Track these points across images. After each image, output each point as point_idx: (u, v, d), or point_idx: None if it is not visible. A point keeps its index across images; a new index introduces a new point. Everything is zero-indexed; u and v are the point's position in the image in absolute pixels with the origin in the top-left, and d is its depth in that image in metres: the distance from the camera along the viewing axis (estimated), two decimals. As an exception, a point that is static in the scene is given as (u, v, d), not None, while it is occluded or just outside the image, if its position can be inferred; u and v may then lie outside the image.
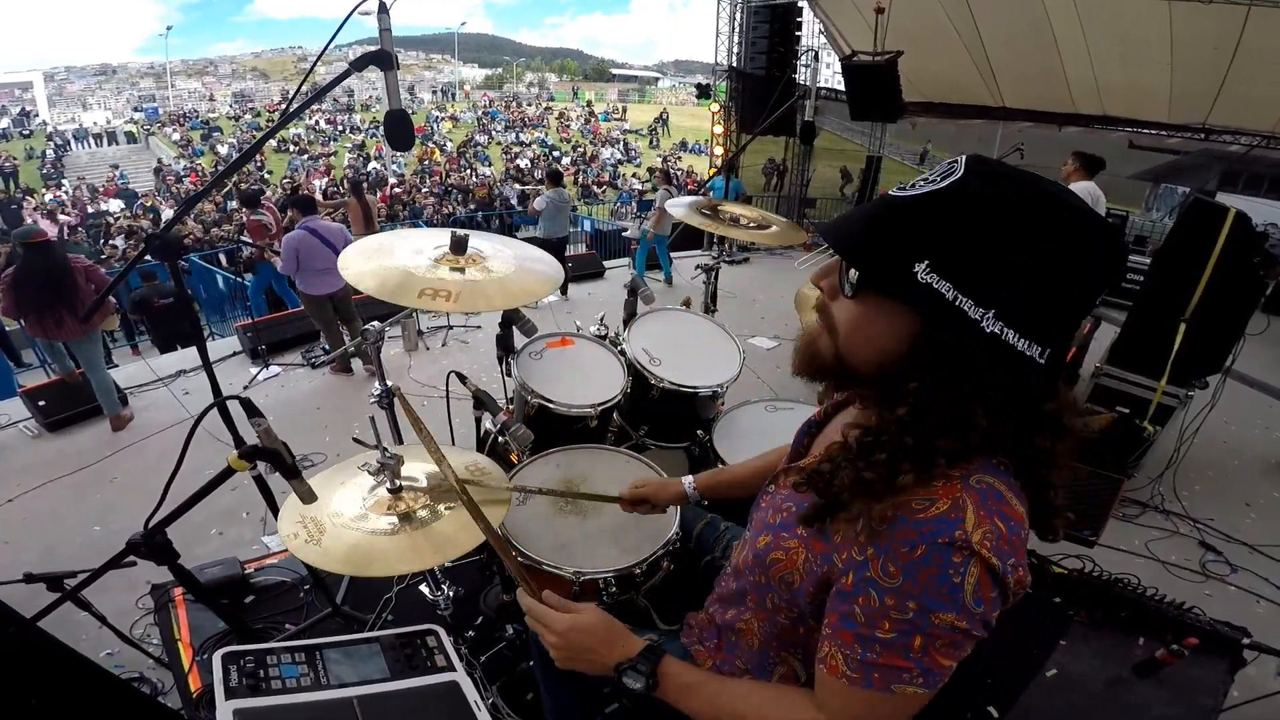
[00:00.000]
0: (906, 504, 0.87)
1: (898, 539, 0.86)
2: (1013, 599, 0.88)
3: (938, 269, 0.82)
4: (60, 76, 41.81)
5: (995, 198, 0.82)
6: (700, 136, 33.08)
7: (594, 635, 1.11)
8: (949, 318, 0.82)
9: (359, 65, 1.74)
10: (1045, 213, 0.81)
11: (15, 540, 3.61)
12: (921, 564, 0.84)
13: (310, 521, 1.60)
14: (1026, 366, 0.84)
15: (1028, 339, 0.82)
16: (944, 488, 0.87)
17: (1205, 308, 3.82)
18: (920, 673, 0.86)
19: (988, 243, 0.81)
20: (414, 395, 5.11)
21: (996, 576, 0.83)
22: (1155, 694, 2.19)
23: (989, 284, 0.81)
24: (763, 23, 11.37)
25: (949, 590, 0.83)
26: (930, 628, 0.84)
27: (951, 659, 0.87)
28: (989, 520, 0.84)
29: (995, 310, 0.81)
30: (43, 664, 1.69)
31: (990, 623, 0.86)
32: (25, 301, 4.48)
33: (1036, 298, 0.81)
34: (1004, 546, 0.84)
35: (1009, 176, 0.83)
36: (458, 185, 21.50)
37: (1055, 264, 0.81)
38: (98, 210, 21.17)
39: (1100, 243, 0.82)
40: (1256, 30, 7.39)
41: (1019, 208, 0.81)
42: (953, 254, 0.82)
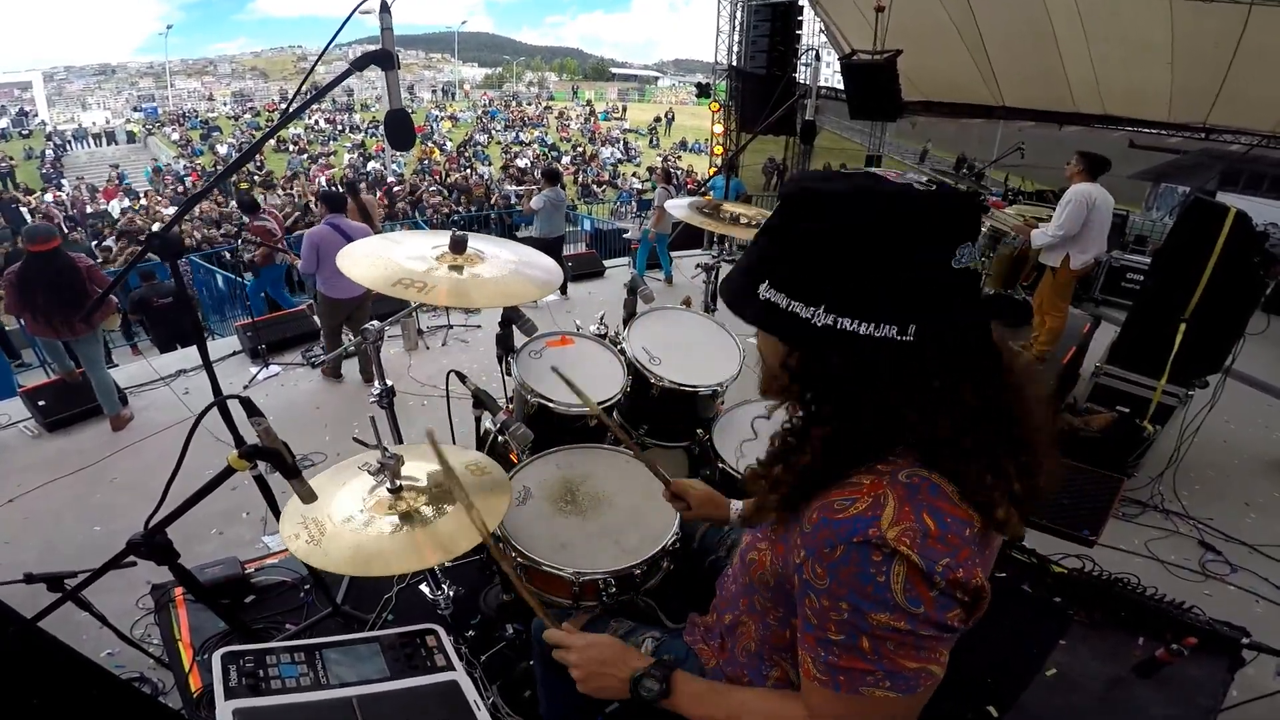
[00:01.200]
0: (830, 504, 0.89)
1: (820, 539, 0.88)
2: (976, 607, 0.86)
3: (775, 284, 0.90)
4: (59, 76, 41.83)
5: (803, 208, 0.89)
6: (700, 136, 33.08)
7: (610, 648, 1.20)
8: (785, 324, 0.89)
9: (360, 64, 1.74)
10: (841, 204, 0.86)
11: (15, 540, 3.61)
12: (841, 564, 0.85)
13: (312, 523, 1.60)
14: (885, 348, 0.85)
15: (869, 321, 0.84)
16: (869, 485, 0.88)
17: (1205, 307, 3.83)
18: (884, 675, 0.86)
19: (803, 248, 0.88)
20: (414, 394, 5.14)
21: (925, 576, 0.82)
22: (1154, 694, 2.20)
23: (812, 284, 0.87)
24: (763, 21, 11.37)
25: (874, 589, 0.83)
26: (870, 628, 0.84)
27: (916, 660, 0.85)
28: (912, 516, 0.83)
29: (824, 305, 0.86)
30: (43, 664, 1.69)
31: (945, 623, 0.84)
32: (32, 301, 4.47)
33: (856, 282, 0.85)
34: (933, 545, 0.82)
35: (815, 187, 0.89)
36: (457, 185, 21.47)
37: (859, 245, 0.84)
38: (97, 210, 21.15)
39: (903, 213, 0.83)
40: (1258, 29, 7.40)
41: (821, 209, 0.87)
42: (782, 268, 0.90)
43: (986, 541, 0.91)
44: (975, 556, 0.85)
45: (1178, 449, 4.09)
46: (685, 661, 1.33)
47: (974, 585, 0.84)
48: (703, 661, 1.32)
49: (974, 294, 0.89)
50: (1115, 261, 7.90)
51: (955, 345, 0.87)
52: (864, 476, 0.90)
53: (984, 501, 0.88)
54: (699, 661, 1.32)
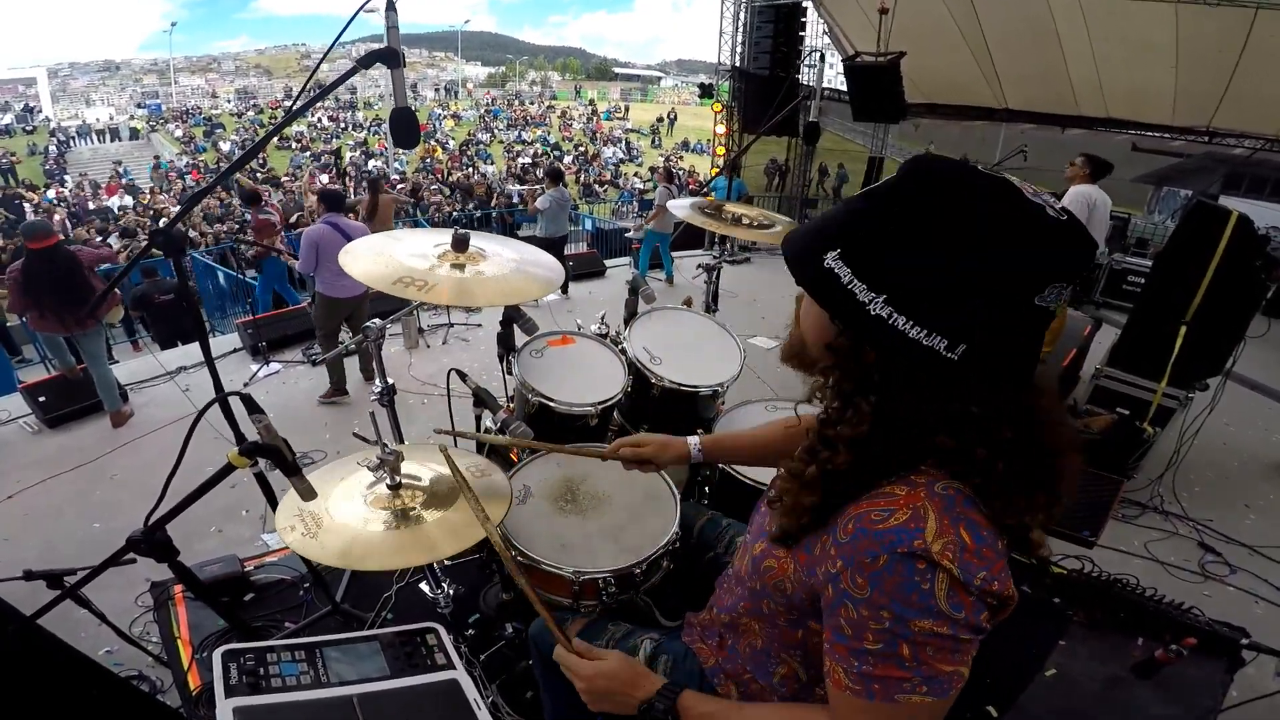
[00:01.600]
0: (866, 515, 0.88)
1: (861, 550, 0.86)
2: (1002, 610, 0.87)
3: (844, 256, 0.84)
4: (64, 73, 41.87)
5: (914, 192, 0.83)
6: (703, 136, 33.05)
7: (617, 679, 1.15)
8: (839, 300, 0.85)
9: (366, 62, 1.73)
10: (955, 206, 0.80)
11: (15, 537, 3.61)
12: (886, 573, 0.84)
13: (308, 516, 1.60)
14: (928, 358, 0.81)
15: (922, 328, 0.80)
16: (905, 496, 0.87)
17: (1206, 310, 3.82)
18: (921, 680, 0.85)
19: (892, 232, 0.83)
20: (414, 392, 5.14)
21: (965, 587, 0.82)
22: (1154, 694, 2.20)
23: (884, 270, 0.82)
24: (767, 22, 11.36)
25: (920, 597, 0.82)
26: (912, 635, 0.84)
27: (951, 664, 0.85)
28: (952, 530, 0.83)
29: (886, 295, 0.81)
30: (42, 662, 1.69)
31: (979, 626, 0.84)
32: (36, 298, 4.48)
33: (929, 284, 0.80)
34: (970, 559, 0.82)
35: (938, 172, 0.83)
36: (459, 184, 21.48)
37: (953, 249, 0.80)
38: (100, 207, 21.17)
39: (1012, 239, 0.79)
40: (1263, 32, 7.37)
41: (931, 201, 0.81)
42: (860, 242, 0.84)
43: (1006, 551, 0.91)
44: (1007, 568, 0.86)
45: (1177, 451, 4.09)
46: (685, 661, 1.33)
47: (1006, 595, 0.85)
48: (701, 661, 1.31)
49: (1037, 335, 0.85)
50: (1116, 264, 7.90)
51: (998, 375, 0.84)
52: (898, 487, 0.88)
53: (1013, 526, 0.89)
54: (698, 661, 1.32)
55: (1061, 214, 0.80)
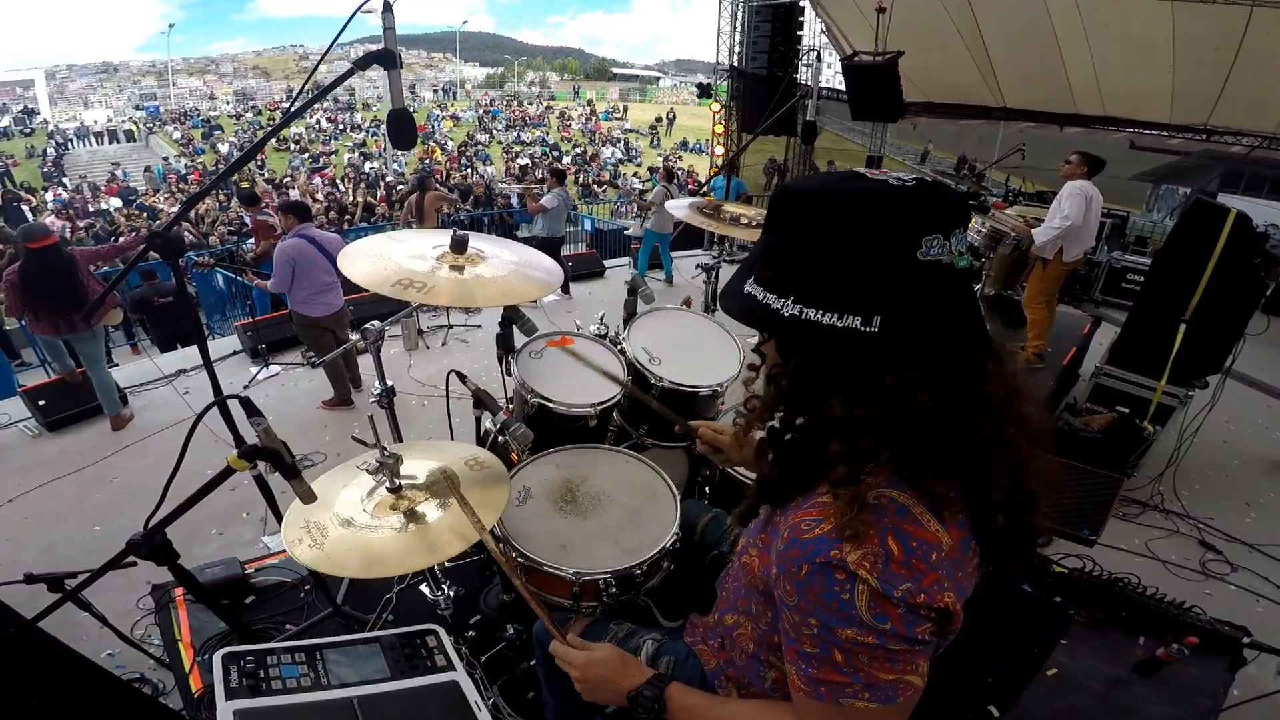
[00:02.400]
0: (798, 524, 0.92)
1: (789, 558, 0.90)
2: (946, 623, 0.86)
3: (757, 280, 0.94)
4: (62, 75, 41.86)
5: (777, 206, 0.94)
6: (701, 136, 33.06)
7: (608, 666, 1.23)
8: (760, 315, 0.92)
9: (363, 64, 1.73)
10: (805, 200, 0.90)
11: (15, 540, 3.61)
12: (808, 582, 0.87)
13: (314, 526, 1.60)
14: (849, 339, 0.85)
15: (832, 313, 0.86)
16: (835, 506, 0.88)
17: (1205, 308, 3.83)
18: (861, 686, 0.87)
19: (781, 246, 0.92)
20: (414, 394, 5.14)
21: (886, 598, 0.83)
22: (1155, 693, 2.20)
23: (784, 277, 0.91)
24: (764, 22, 11.36)
25: (839, 606, 0.85)
26: (840, 642, 0.86)
27: (891, 673, 0.86)
28: (876, 540, 0.84)
29: (793, 296, 0.89)
30: (43, 665, 1.69)
31: (912, 637, 0.84)
32: (34, 300, 4.48)
33: (819, 274, 0.87)
34: (895, 570, 0.83)
35: (787, 185, 0.94)
36: (458, 185, 21.47)
37: (820, 239, 0.87)
38: (99, 209, 21.17)
39: (866, 210, 0.85)
40: (1259, 31, 7.38)
41: (790, 206, 0.91)
42: (764, 263, 0.94)
43: (963, 562, 0.90)
44: (943, 580, 0.85)
45: (1178, 449, 4.09)
46: (686, 662, 1.33)
47: (939, 607, 0.84)
48: (704, 663, 1.32)
49: (949, 289, 0.87)
50: (1116, 262, 7.90)
51: (922, 339, 0.86)
52: (830, 496, 0.90)
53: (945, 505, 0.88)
54: (700, 663, 1.32)
55: (910, 181, 0.87)
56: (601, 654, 1.25)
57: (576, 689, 1.25)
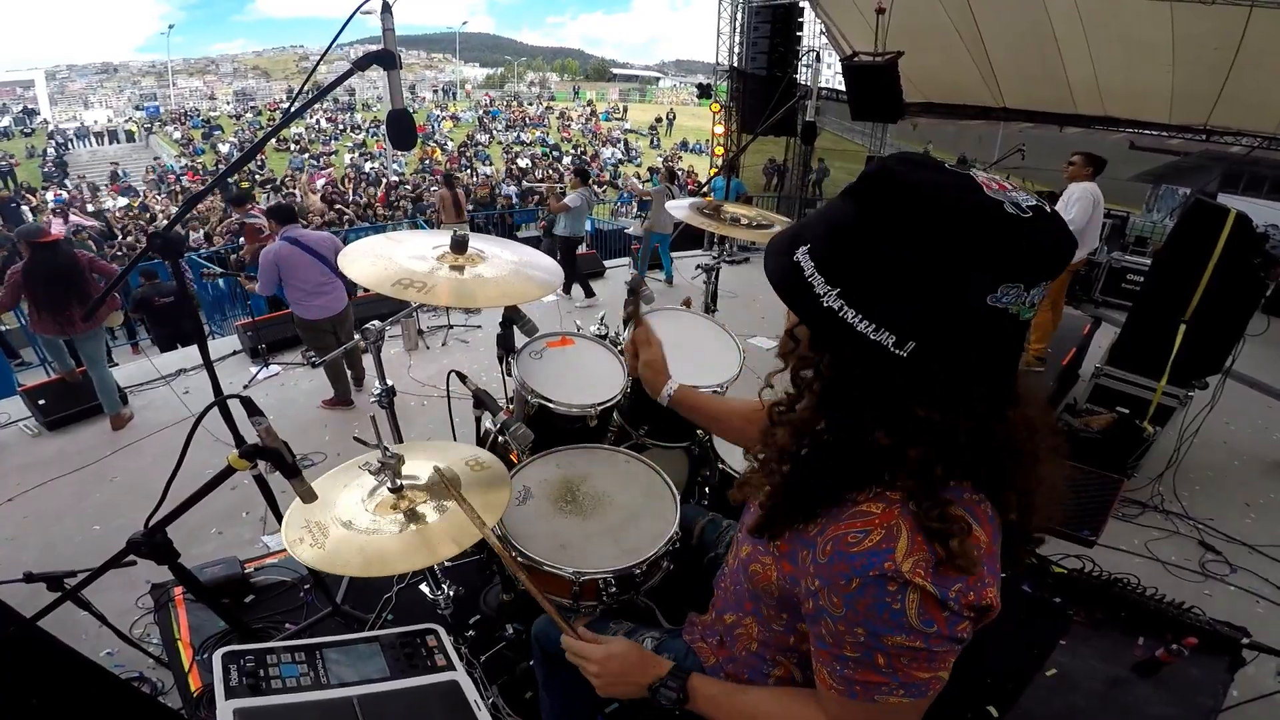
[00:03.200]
0: (843, 537, 0.89)
1: (836, 572, 0.88)
2: (983, 618, 0.87)
3: (811, 251, 0.85)
4: (62, 75, 41.90)
5: (876, 187, 0.82)
6: (701, 136, 33.06)
7: (627, 660, 1.21)
8: (798, 291, 0.85)
9: (362, 64, 1.73)
10: (904, 196, 0.79)
11: (15, 539, 3.62)
12: (858, 595, 0.85)
13: (315, 526, 1.60)
14: (877, 354, 0.80)
15: (870, 321, 0.80)
16: (881, 515, 0.87)
17: (1205, 308, 3.83)
18: (898, 684, 0.88)
19: (853, 227, 0.82)
20: (414, 394, 5.14)
21: (939, 602, 0.82)
22: (1155, 694, 2.20)
23: (843, 264, 0.82)
24: (764, 23, 11.37)
25: (890, 616, 0.84)
26: (886, 648, 0.86)
27: (928, 671, 0.87)
28: (926, 546, 0.83)
29: (840, 289, 0.81)
30: (43, 664, 1.69)
31: (954, 636, 0.85)
32: (37, 298, 4.49)
33: (877, 278, 0.80)
34: (945, 571, 0.82)
35: (895, 169, 0.82)
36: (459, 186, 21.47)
37: (896, 243, 0.79)
38: (99, 209, 21.16)
39: (959, 233, 0.76)
40: (1258, 31, 7.39)
41: (890, 196, 0.80)
42: (826, 237, 0.85)
43: (997, 556, 0.91)
44: (987, 575, 0.85)
45: (1177, 450, 4.09)
46: (685, 660, 1.33)
47: (984, 604, 0.85)
48: (702, 660, 1.32)
49: (1002, 339, 0.81)
50: (1115, 263, 7.90)
51: (955, 379, 0.81)
52: (874, 505, 0.88)
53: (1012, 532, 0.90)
54: (698, 660, 1.32)
55: (1026, 210, 0.76)
56: (619, 648, 1.23)
57: (593, 683, 1.22)
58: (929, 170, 0.81)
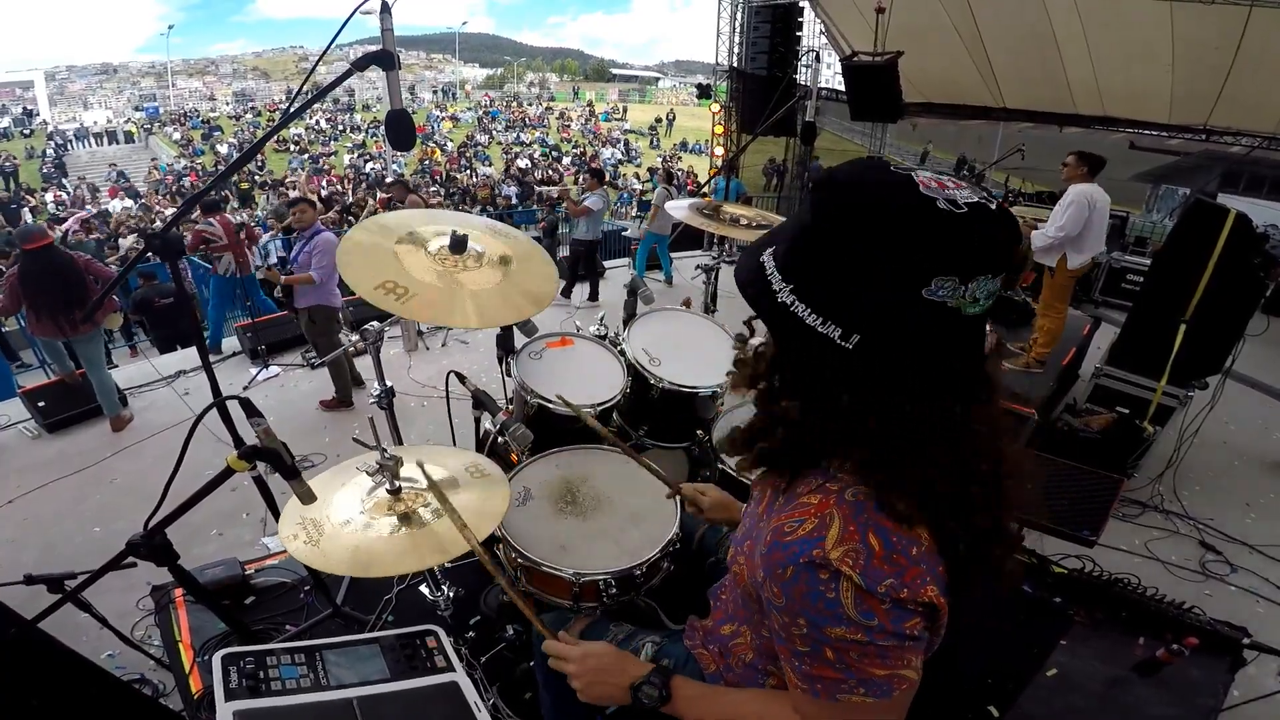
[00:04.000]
0: (781, 527, 0.91)
1: (774, 561, 0.90)
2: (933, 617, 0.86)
3: (775, 253, 0.89)
4: (61, 76, 41.84)
5: (821, 192, 0.86)
6: (701, 137, 33.04)
7: (605, 660, 1.23)
8: (758, 289, 0.88)
9: (361, 65, 1.73)
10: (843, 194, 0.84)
11: (15, 541, 3.62)
12: (793, 583, 0.87)
13: (310, 523, 1.60)
14: (826, 347, 0.83)
15: (819, 315, 0.83)
16: (817, 505, 0.89)
17: (1205, 309, 3.83)
18: (856, 682, 0.88)
19: (808, 227, 0.86)
20: (413, 395, 5.14)
21: (870, 594, 0.82)
22: (1155, 694, 2.19)
23: (794, 263, 0.86)
24: (764, 23, 11.38)
25: (826, 605, 0.84)
26: (830, 640, 0.86)
27: (883, 668, 0.86)
28: (857, 537, 0.84)
29: (793, 285, 0.85)
30: (43, 665, 1.69)
31: (901, 632, 0.84)
32: (34, 301, 4.50)
33: (825, 272, 0.83)
34: (877, 565, 0.82)
35: (835, 173, 0.87)
36: (458, 187, 21.47)
37: (838, 242, 0.82)
38: (99, 210, 21.16)
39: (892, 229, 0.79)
40: (1258, 31, 7.39)
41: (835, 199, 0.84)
42: (789, 241, 0.88)
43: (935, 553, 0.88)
44: (925, 575, 0.84)
45: (1177, 450, 4.09)
46: (685, 666, 1.33)
47: (923, 601, 0.84)
48: (703, 666, 1.32)
49: (945, 331, 0.82)
50: (1115, 263, 7.91)
51: (894, 370, 0.83)
52: (813, 496, 0.90)
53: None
54: (698, 666, 1.32)
55: (961, 206, 0.78)
56: (597, 649, 1.25)
57: (574, 687, 1.23)
58: (872, 171, 0.85)
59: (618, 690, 1.19)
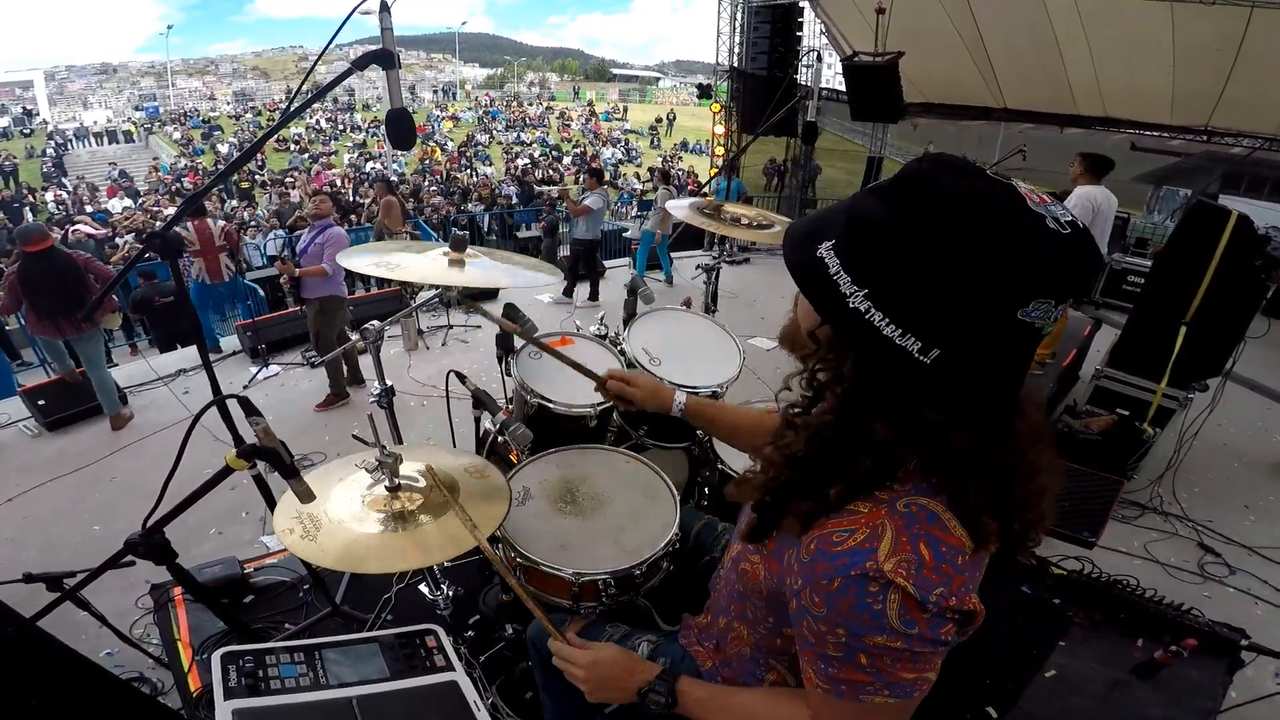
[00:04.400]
0: (828, 536, 0.89)
1: (819, 572, 0.88)
2: (967, 622, 0.86)
3: (836, 248, 0.82)
4: (61, 75, 41.86)
5: (908, 191, 0.80)
6: (701, 137, 33.04)
7: (615, 665, 1.23)
8: (823, 289, 0.83)
9: (361, 64, 1.73)
10: (950, 209, 0.77)
11: (14, 539, 3.62)
12: (840, 595, 0.85)
13: (306, 517, 1.60)
14: (902, 360, 0.79)
15: (898, 326, 0.78)
16: (867, 514, 0.87)
17: (1206, 310, 3.82)
18: (883, 685, 0.88)
19: (885, 228, 0.80)
20: (413, 394, 5.14)
21: (919, 604, 0.82)
22: (1154, 695, 2.20)
23: (871, 265, 0.80)
24: (764, 23, 11.37)
25: (871, 617, 0.83)
26: (867, 649, 0.86)
27: (912, 672, 0.87)
28: (909, 547, 0.83)
29: (868, 290, 0.79)
30: (42, 664, 1.69)
31: (937, 639, 0.84)
32: (34, 301, 4.52)
33: (909, 284, 0.78)
34: (928, 575, 0.82)
35: (940, 172, 0.79)
36: (459, 186, 21.46)
37: (937, 246, 0.76)
38: (98, 209, 21.15)
39: (999, 246, 0.75)
40: (1259, 32, 7.38)
41: (928, 201, 0.78)
42: (854, 236, 0.82)
43: (981, 563, 0.90)
44: (969, 583, 0.85)
45: (1177, 451, 4.09)
46: (682, 663, 1.34)
47: (966, 610, 0.84)
48: (699, 663, 1.32)
49: (1022, 348, 0.81)
50: (1116, 264, 7.91)
51: (973, 387, 0.81)
52: (862, 504, 0.88)
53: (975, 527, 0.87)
54: (695, 663, 1.33)
55: (1065, 226, 0.76)
56: (607, 653, 1.25)
57: (581, 689, 1.24)
58: (971, 177, 0.78)
59: (624, 695, 1.20)
